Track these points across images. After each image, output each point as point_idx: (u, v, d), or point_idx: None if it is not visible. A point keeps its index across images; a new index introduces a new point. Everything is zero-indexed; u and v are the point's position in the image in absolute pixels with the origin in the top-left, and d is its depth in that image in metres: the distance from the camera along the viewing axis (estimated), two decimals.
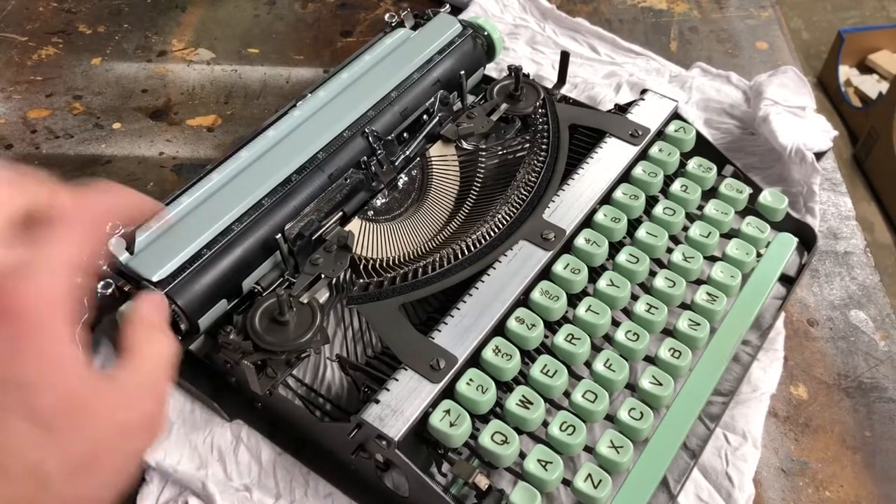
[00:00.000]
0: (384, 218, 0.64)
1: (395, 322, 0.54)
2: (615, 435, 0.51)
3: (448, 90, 0.69)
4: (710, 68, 0.83)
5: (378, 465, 0.50)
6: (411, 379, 0.50)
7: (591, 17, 0.93)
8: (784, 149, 0.70)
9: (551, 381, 0.52)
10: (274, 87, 0.87)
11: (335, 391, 0.58)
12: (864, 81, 1.93)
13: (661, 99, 0.69)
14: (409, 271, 0.57)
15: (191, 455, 0.55)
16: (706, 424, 0.56)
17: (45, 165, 0.78)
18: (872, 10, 2.15)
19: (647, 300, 0.58)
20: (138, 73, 0.88)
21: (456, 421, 0.49)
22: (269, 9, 0.97)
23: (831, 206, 0.73)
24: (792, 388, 0.61)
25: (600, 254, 0.59)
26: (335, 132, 0.63)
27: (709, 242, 0.62)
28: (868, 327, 0.64)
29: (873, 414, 0.59)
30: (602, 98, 0.79)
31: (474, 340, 0.52)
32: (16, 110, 0.84)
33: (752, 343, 0.61)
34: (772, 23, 0.94)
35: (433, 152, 0.67)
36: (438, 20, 0.73)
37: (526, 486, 0.48)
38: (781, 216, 0.66)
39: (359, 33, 0.93)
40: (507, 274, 0.56)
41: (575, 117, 0.68)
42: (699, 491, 0.54)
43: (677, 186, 0.65)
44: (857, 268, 0.68)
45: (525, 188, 0.62)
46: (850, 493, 0.55)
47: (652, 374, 0.54)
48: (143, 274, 0.52)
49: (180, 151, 0.80)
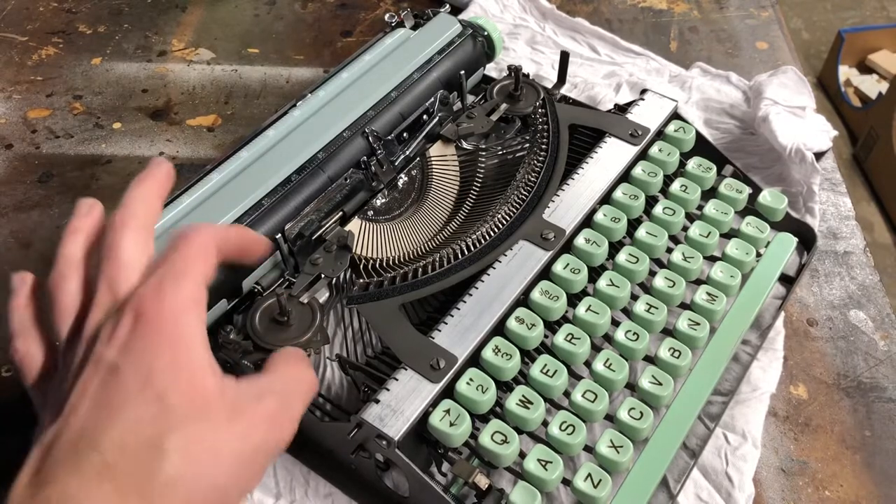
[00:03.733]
0: (384, 218, 0.64)
1: (395, 322, 0.54)
2: (615, 435, 0.51)
3: (448, 90, 0.70)
4: (709, 68, 0.83)
5: (378, 464, 0.50)
6: (411, 379, 0.50)
7: (591, 17, 0.93)
8: (784, 149, 0.70)
9: (551, 380, 0.52)
10: (274, 87, 0.87)
11: (335, 391, 0.58)
12: (863, 81, 1.93)
13: (661, 99, 0.69)
14: (409, 271, 0.57)
15: None
16: (706, 424, 0.56)
17: (46, 165, 0.78)
18: (872, 10, 2.15)
19: (647, 300, 0.58)
20: (138, 73, 0.88)
21: (456, 421, 0.49)
22: (269, 9, 0.97)
23: (831, 206, 0.73)
24: (792, 388, 0.61)
25: (600, 254, 0.59)
26: (335, 132, 0.63)
27: (708, 242, 0.62)
28: (868, 327, 0.64)
29: (873, 414, 0.59)
30: (602, 98, 0.79)
31: (474, 340, 0.52)
32: (16, 110, 0.84)
33: (752, 343, 0.61)
34: (772, 23, 0.94)
35: (433, 152, 0.67)
36: (438, 20, 0.73)
37: (526, 485, 0.48)
38: (781, 216, 0.66)
39: (359, 33, 0.93)
40: (507, 274, 0.56)
41: (575, 117, 0.68)
42: (699, 491, 0.54)
43: (677, 186, 0.65)
44: (856, 268, 0.69)
45: (525, 188, 0.62)
46: (849, 492, 0.55)
47: (652, 373, 0.54)
48: None
49: (180, 151, 0.80)
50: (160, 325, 0.35)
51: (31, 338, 0.40)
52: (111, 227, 0.39)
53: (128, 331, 0.34)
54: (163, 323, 0.35)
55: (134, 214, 0.39)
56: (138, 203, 0.40)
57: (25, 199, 0.75)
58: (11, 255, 0.70)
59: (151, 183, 0.41)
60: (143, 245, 0.39)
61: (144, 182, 0.41)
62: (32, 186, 0.76)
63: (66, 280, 0.39)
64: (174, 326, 0.35)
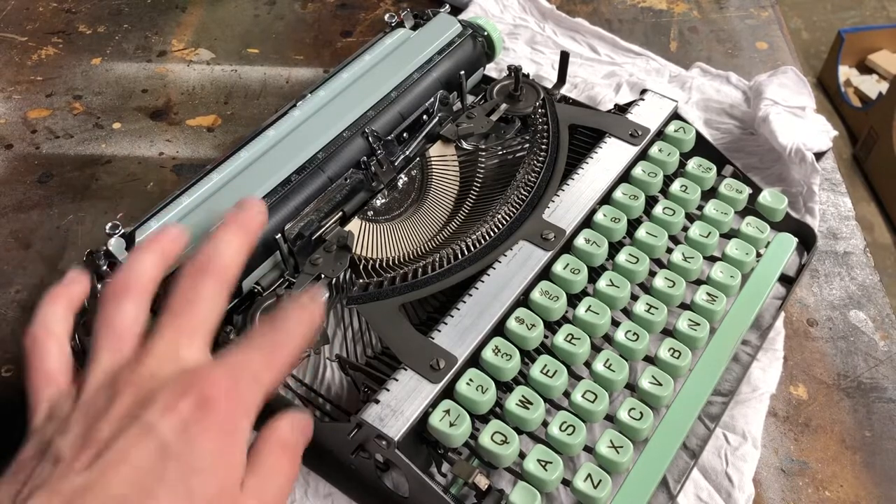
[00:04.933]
0: (384, 218, 0.64)
1: (394, 322, 0.54)
2: (615, 435, 0.51)
3: (448, 90, 0.69)
4: (709, 68, 0.83)
5: (378, 465, 0.50)
6: (411, 379, 0.50)
7: (591, 17, 0.93)
8: (784, 149, 0.70)
9: (551, 381, 0.52)
10: (274, 87, 0.87)
11: (335, 391, 0.58)
12: (863, 81, 1.93)
13: (661, 99, 0.69)
14: (409, 271, 0.57)
15: None
16: (706, 424, 0.56)
17: (45, 165, 0.78)
18: (872, 10, 2.15)
19: (647, 300, 0.58)
20: (138, 73, 0.88)
21: (456, 421, 0.49)
22: (269, 9, 0.97)
23: (831, 206, 0.73)
24: (792, 388, 0.61)
25: (600, 254, 0.59)
26: (335, 132, 0.63)
27: (708, 242, 0.62)
28: (868, 327, 0.64)
29: (873, 414, 0.59)
30: (602, 98, 0.79)
31: (474, 340, 0.52)
32: (16, 110, 0.84)
33: (752, 343, 0.61)
34: (772, 23, 0.94)
35: (433, 152, 0.67)
36: (438, 20, 0.73)
37: (526, 486, 0.48)
38: (781, 216, 0.66)
39: (359, 33, 0.93)
40: (507, 274, 0.56)
41: (575, 117, 0.68)
42: (699, 491, 0.54)
43: (677, 186, 0.65)
44: (856, 268, 0.69)
45: (525, 188, 0.62)
46: (849, 493, 0.55)
47: (652, 374, 0.54)
48: None
49: (180, 151, 0.80)
50: (226, 423, 0.33)
51: (52, 333, 0.38)
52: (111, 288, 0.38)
53: (190, 412, 0.33)
54: (229, 422, 0.33)
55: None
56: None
57: (25, 199, 0.75)
58: (11, 255, 0.70)
59: (156, 250, 0.40)
60: (142, 310, 0.38)
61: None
62: (32, 186, 0.76)
63: (47, 340, 0.38)
64: (235, 429, 0.34)
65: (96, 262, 0.52)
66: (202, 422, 0.33)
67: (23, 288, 0.68)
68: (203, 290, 0.37)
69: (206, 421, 0.33)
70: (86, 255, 0.53)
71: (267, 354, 0.36)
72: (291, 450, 0.38)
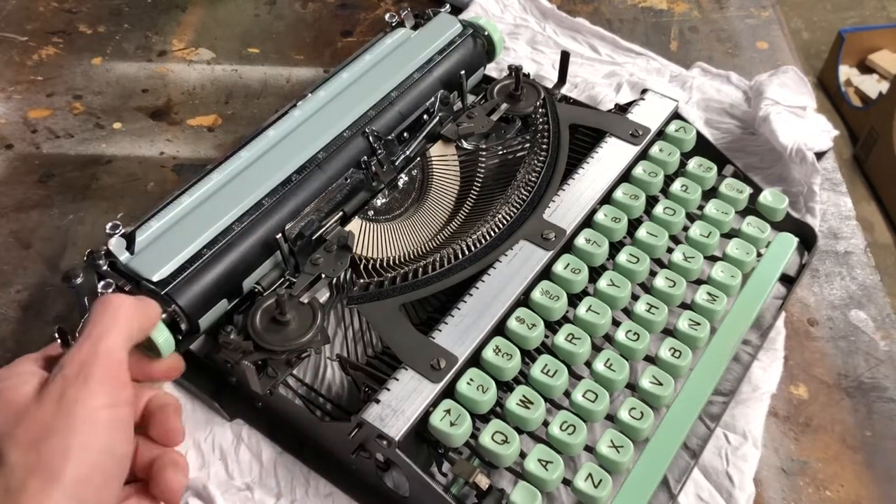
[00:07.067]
0: (384, 218, 0.64)
1: (395, 322, 0.54)
2: (615, 435, 0.51)
3: (448, 90, 0.69)
4: (710, 68, 0.83)
5: (378, 464, 0.50)
6: (412, 379, 0.50)
7: (592, 16, 0.93)
8: (784, 148, 0.70)
9: (552, 380, 0.52)
10: (274, 87, 0.87)
11: (335, 391, 0.58)
12: (864, 81, 1.92)
13: (662, 99, 0.69)
14: (410, 271, 0.57)
15: (193, 454, 0.55)
16: (706, 424, 0.56)
17: (46, 165, 0.78)
18: (872, 10, 2.15)
19: (648, 300, 0.58)
20: (138, 73, 0.88)
21: (456, 420, 0.49)
22: (270, 9, 0.97)
23: (831, 206, 0.73)
24: (792, 388, 0.61)
25: (600, 254, 0.59)
26: (335, 132, 0.63)
27: (709, 242, 0.62)
28: (868, 327, 0.64)
29: (873, 414, 0.59)
30: (602, 98, 0.79)
31: (475, 340, 0.52)
32: (16, 110, 0.84)
33: (753, 343, 0.61)
34: (772, 22, 0.94)
35: (433, 152, 0.67)
36: (439, 20, 0.73)
37: (526, 485, 0.48)
38: (782, 216, 0.66)
39: (359, 33, 0.93)
40: (508, 274, 0.56)
41: (575, 117, 0.68)
42: (699, 490, 0.54)
43: (677, 186, 0.65)
44: (857, 268, 0.68)
45: (525, 188, 0.62)
46: (850, 492, 0.55)
47: (652, 373, 0.54)
48: (144, 274, 0.52)
49: (180, 151, 0.80)
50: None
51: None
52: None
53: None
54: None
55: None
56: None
57: (25, 199, 0.75)
58: (11, 255, 0.70)
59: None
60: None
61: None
62: (32, 186, 0.76)
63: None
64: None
65: (96, 262, 0.52)
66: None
67: (23, 288, 0.68)
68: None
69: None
70: (86, 255, 0.53)
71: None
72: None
